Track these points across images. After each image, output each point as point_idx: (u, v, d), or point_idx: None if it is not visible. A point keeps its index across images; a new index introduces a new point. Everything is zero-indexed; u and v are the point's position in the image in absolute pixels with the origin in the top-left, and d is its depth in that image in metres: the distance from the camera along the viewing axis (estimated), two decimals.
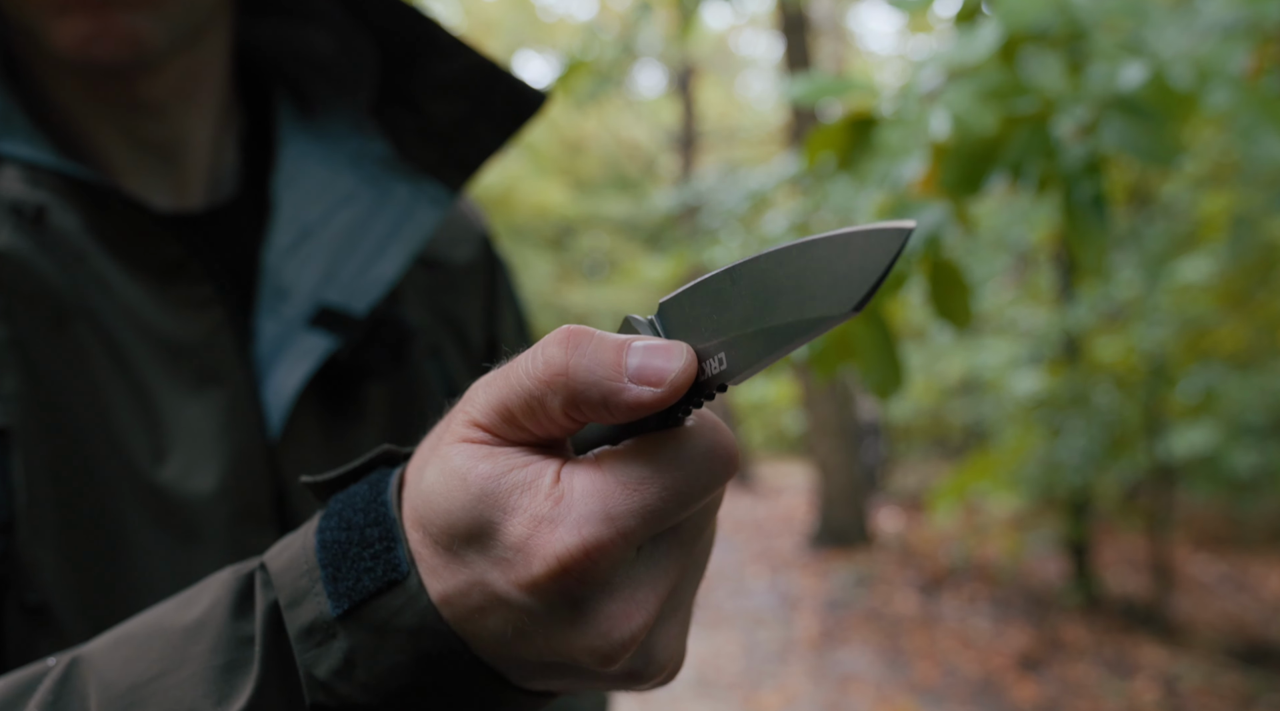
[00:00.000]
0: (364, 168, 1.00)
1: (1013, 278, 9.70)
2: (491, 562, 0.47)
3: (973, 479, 6.59)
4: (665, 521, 0.46)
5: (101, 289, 0.84)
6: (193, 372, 0.86)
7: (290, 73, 1.05)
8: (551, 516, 0.45)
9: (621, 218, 19.42)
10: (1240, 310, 6.56)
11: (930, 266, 1.59)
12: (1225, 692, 5.51)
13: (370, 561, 0.50)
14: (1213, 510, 8.99)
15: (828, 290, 0.41)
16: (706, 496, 0.48)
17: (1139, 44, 1.63)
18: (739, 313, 0.44)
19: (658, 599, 0.48)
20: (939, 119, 1.52)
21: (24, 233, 0.81)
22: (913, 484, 12.88)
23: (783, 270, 0.43)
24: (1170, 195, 6.59)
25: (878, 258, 0.40)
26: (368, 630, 0.50)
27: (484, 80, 0.99)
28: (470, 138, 1.00)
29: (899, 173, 1.68)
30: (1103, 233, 1.42)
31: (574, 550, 0.45)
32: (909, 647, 6.59)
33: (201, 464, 0.84)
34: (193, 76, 0.93)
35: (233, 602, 0.53)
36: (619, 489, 0.45)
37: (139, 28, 0.82)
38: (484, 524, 0.47)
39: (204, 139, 0.96)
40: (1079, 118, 1.51)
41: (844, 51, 17.50)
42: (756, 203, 4.82)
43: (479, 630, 0.49)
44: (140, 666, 0.53)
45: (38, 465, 0.78)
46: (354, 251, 0.95)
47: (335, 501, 0.54)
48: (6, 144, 0.83)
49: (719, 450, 0.48)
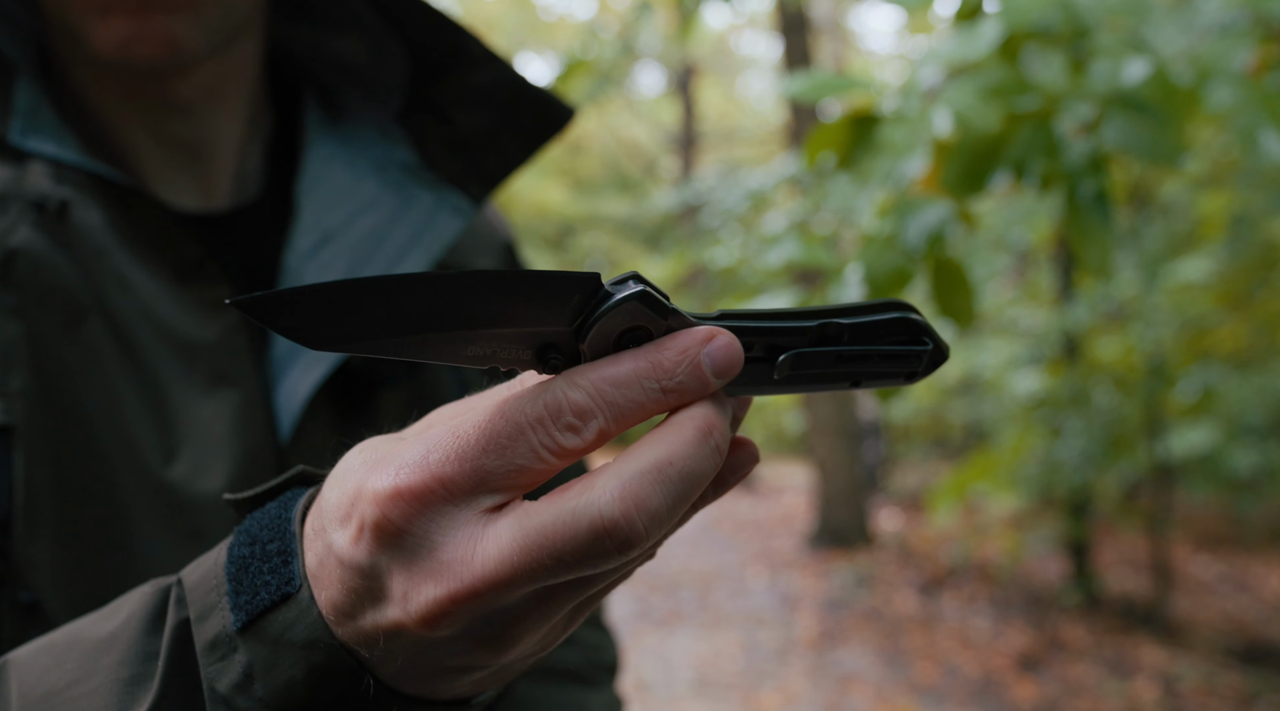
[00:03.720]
0: (388, 174, 1.00)
1: (1013, 277, 9.70)
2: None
3: (972, 479, 6.58)
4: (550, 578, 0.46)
5: (120, 286, 0.84)
6: (206, 373, 0.86)
7: (320, 77, 1.05)
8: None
9: (621, 218, 19.42)
10: (1240, 310, 6.56)
11: (933, 265, 1.59)
12: (1225, 692, 5.50)
13: (268, 575, 0.51)
14: (1213, 510, 8.99)
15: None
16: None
17: (1141, 42, 1.62)
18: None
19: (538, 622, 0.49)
20: (941, 116, 1.52)
21: (43, 230, 0.81)
22: (913, 484, 12.88)
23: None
24: (1170, 195, 6.59)
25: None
26: (265, 643, 0.50)
27: (512, 93, 0.99)
28: (495, 149, 1.01)
29: (901, 171, 1.68)
30: (1106, 231, 1.41)
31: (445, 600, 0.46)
32: (909, 647, 6.59)
33: (211, 464, 0.84)
34: (224, 78, 0.94)
35: (146, 616, 0.54)
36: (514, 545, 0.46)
37: (177, 30, 0.84)
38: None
39: (231, 140, 0.97)
40: (1081, 116, 1.51)
41: (844, 51, 17.49)
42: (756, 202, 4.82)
43: (359, 638, 0.49)
44: (56, 675, 0.54)
45: (41, 463, 0.78)
46: (374, 257, 0.96)
47: (249, 518, 0.54)
48: (33, 140, 0.84)
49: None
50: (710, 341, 0.47)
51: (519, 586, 0.45)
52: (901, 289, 1.54)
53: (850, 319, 0.52)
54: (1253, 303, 6.53)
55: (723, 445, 0.47)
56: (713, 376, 0.47)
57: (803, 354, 0.51)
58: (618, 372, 0.46)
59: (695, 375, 0.47)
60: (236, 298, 0.41)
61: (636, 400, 0.46)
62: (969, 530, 9.60)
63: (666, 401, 0.47)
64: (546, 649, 0.53)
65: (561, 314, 0.46)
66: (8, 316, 0.78)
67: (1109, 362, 7.09)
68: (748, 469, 0.53)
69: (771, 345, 0.51)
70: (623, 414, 0.46)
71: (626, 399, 0.46)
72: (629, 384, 0.46)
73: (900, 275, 1.52)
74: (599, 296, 0.46)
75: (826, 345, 0.52)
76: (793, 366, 0.51)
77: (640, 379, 0.46)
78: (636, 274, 0.48)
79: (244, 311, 0.41)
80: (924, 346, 0.53)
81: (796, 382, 0.52)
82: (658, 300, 0.47)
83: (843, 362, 0.52)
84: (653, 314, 0.47)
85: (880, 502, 11.71)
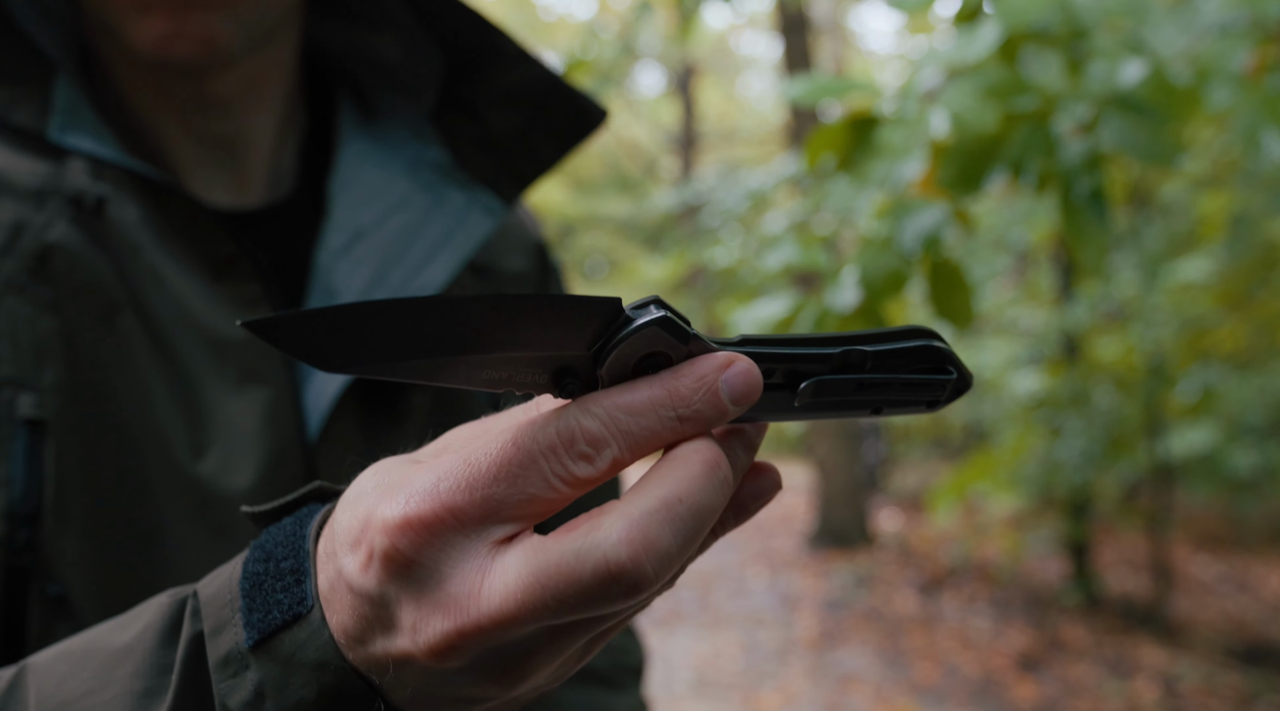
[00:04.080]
0: (420, 174, 1.00)
1: (1012, 278, 9.70)
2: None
3: (972, 479, 6.59)
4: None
5: (154, 282, 0.85)
6: (237, 369, 0.86)
7: (355, 76, 1.06)
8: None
9: (621, 218, 19.43)
10: (1239, 310, 6.56)
11: (930, 266, 1.59)
12: (1225, 692, 5.51)
13: (281, 593, 0.50)
14: (1213, 510, 8.99)
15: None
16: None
17: (1139, 42, 1.62)
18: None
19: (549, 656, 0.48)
20: (938, 118, 1.52)
21: (80, 225, 0.82)
22: (913, 484, 12.88)
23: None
24: (1170, 195, 6.59)
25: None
26: (276, 662, 0.49)
27: (545, 93, 1.00)
28: (527, 150, 1.01)
29: (899, 173, 1.68)
30: (1102, 231, 1.42)
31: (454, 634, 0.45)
32: (909, 647, 6.59)
33: (239, 460, 0.85)
34: (260, 75, 0.94)
35: (163, 628, 0.54)
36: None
37: (214, 28, 0.85)
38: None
39: (266, 137, 0.98)
40: (1079, 116, 1.51)
41: (844, 51, 17.50)
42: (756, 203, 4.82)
43: (370, 664, 0.48)
44: (72, 684, 0.54)
45: (72, 457, 0.78)
46: (404, 256, 0.96)
47: (265, 533, 0.54)
48: (71, 136, 0.84)
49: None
50: (728, 368, 0.46)
51: (525, 625, 0.44)
52: (898, 291, 1.54)
53: (873, 346, 0.52)
54: (1253, 303, 6.53)
55: (730, 477, 0.46)
56: (730, 403, 0.46)
57: (824, 381, 0.51)
58: (633, 400, 0.46)
59: (712, 402, 0.46)
60: (245, 320, 0.40)
61: (652, 428, 0.46)
62: (969, 530, 9.60)
63: (683, 429, 0.46)
64: (561, 679, 0.52)
65: (580, 338, 0.45)
66: (43, 311, 0.79)
67: (1109, 362, 7.09)
68: (770, 495, 0.52)
69: (793, 371, 0.51)
70: (637, 442, 0.46)
71: (641, 427, 0.45)
72: (644, 411, 0.45)
73: (897, 277, 1.53)
74: (619, 321, 0.46)
75: (849, 373, 0.51)
76: (814, 394, 0.51)
77: (656, 406, 0.45)
78: (658, 298, 0.47)
79: (254, 332, 0.40)
80: (948, 376, 0.53)
81: (817, 409, 0.52)
82: (679, 326, 0.46)
83: (864, 390, 0.52)
84: (673, 340, 0.46)
85: (880, 502, 11.71)
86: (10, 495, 0.75)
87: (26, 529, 0.76)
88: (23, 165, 0.82)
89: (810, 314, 1.60)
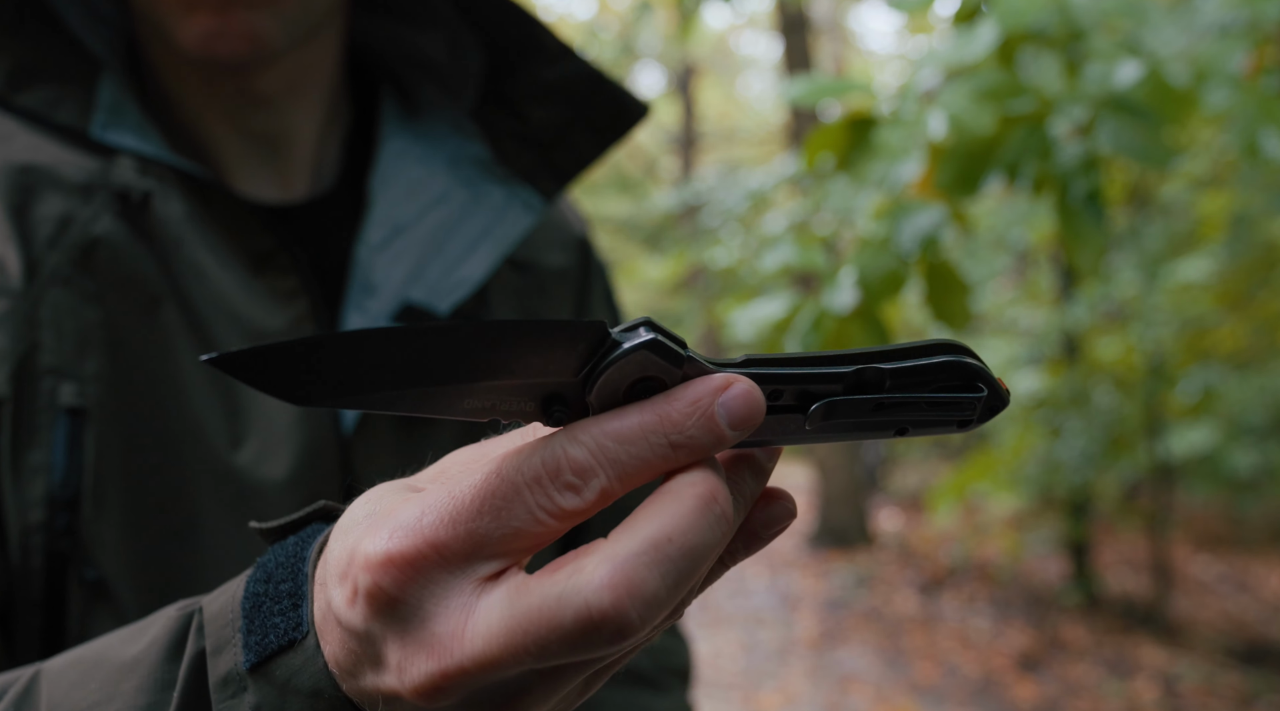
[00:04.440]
0: (460, 169, 1.01)
1: (1012, 278, 9.70)
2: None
3: (972, 479, 6.59)
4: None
5: (196, 275, 0.87)
6: None
7: (397, 72, 1.07)
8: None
9: (621, 218, 19.41)
10: (1239, 310, 6.56)
11: (927, 267, 1.59)
12: (1225, 692, 5.51)
13: (278, 617, 0.49)
14: (1213, 510, 8.99)
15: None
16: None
17: (1137, 44, 1.63)
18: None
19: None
20: (936, 119, 1.52)
21: (125, 219, 0.85)
22: (913, 484, 12.88)
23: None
24: (1170, 195, 6.59)
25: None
26: (273, 686, 0.48)
27: (587, 88, 1.00)
28: (567, 145, 1.01)
29: (897, 174, 1.68)
30: (1098, 232, 1.42)
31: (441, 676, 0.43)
32: (909, 647, 6.59)
33: (275, 451, 0.86)
34: (303, 72, 0.96)
35: (169, 643, 0.53)
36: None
37: (258, 25, 0.86)
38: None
39: (309, 133, 0.99)
40: (1076, 118, 1.51)
41: (844, 51, 17.49)
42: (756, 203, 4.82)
43: (361, 697, 0.47)
44: (81, 693, 0.53)
45: (111, 445, 0.81)
46: (442, 251, 0.97)
47: (270, 551, 0.53)
48: (114, 134, 0.87)
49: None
50: (726, 390, 0.43)
51: (509, 668, 0.42)
52: (896, 292, 1.55)
53: (893, 363, 0.48)
54: (1253, 303, 6.53)
55: (728, 512, 0.43)
56: (728, 429, 0.43)
57: (837, 402, 0.47)
58: (622, 427, 0.43)
59: (708, 429, 0.43)
60: (207, 356, 0.39)
61: (642, 457, 0.42)
62: (969, 530, 9.60)
63: (677, 458, 0.43)
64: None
65: (565, 365, 0.43)
66: (87, 302, 0.82)
67: (1109, 362, 7.09)
68: (784, 523, 0.49)
69: (804, 392, 0.47)
70: (627, 472, 0.43)
71: (631, 455, 0.42)
72: (634, 439, 0.42)
73: (894, 278, 1.53)
74: (606, 346, 0.43)
75: (865, 392, 0.48)
76: (825, 415, 0.47)
77: (647, 433, 0.42)
78: (649, 320, 0.44)
79: (217, 367, 0.39)
80: (978, 394, 0.49)
81: (833, 432, 0.48)
82: (670, 349, 0.43)
83: (884, 411, 0.48)
84: (666, 363, 0.43)
85: (880, 502, 11.71)
86: (50, 481, 0.78)
87: (65, 514, 0.78)
88: (72, 161, 0.85)
89: (808, 314, 1.60)
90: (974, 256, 6.68)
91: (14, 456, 0.78)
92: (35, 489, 0.78)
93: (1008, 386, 0.50)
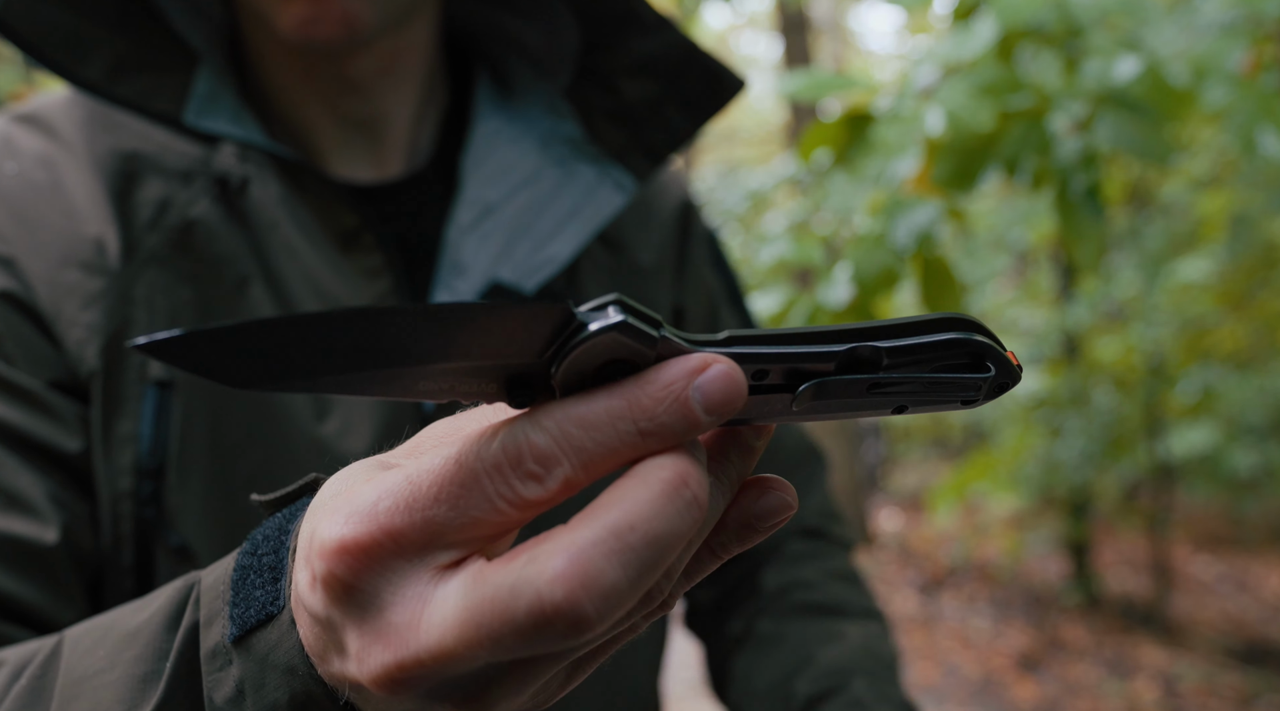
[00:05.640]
0: (552, 148, 1.03)
1: (1012, 278, 9.70)
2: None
3: (972, 478, 6.58)
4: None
5: (289, 255, 0.91)
6: None
7: (492, 52, 1.08)
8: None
9: None
10: (1240, 310, 6.56)
11: (922, 263, 1.59)
12: (1225, 692, 5.50)
13: (259, 590, 0.48)
14: (1213, 510, 8.98)
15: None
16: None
17: (1135, 41, 1.62)
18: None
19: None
20: (934, 115, 1.52)
21: (222, 202, 0.90)
22: (913, 484, 12.87)
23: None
24: (1170, 195, 6.58)
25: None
26: (254, 661, 0.47)
27: (682, 60, 1.00)
28: (661, 122, 1.01)
29: (894, 170, 1.68)
30: (1098, 228, 1.42)
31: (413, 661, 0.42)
32: (909, 647, 6.59)
33: (359, 424, 0.89)
34: (397, 56, 0.98)
35: (169, 613, 0.53)
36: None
37: (352, 9, 0.88)
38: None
39: (404, 116, 1.01)
40: (1074, 114, 1.51)
41: (844, 51, 17.49)
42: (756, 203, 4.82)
43: (331, 680, 0.46)
44: (90, 660, 0.54)
45: (198, 417, 0.85)
46: (530, 230, 0.99)
47: (263, 524, 0.52)
48: (207, 121, 0.91)
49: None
50: (702, 373, 0.40)
51: (466, 661, 0.40)
52: (890, 288, 1.54)
53: (890, 341, 0.44)
54: (1253, 303, 6.52)
55: (701, 496, 0.40)
56: (703, 415, 0.40)
57: (827, 383, 0.43)
58: (588, 413, 0.40)
59: (680, 415, 0.40)
60: (134, 341, 0.36)
61: (608, 444, 0.39)
62: (969, 530, 9.59)
63: (646, 445, 0.40)
64: (548, 702, 0.48)
65: (528, 347, 0.40)
66: (181, 281, 0.87)
67: (1109, 363, 7.09)
68: (781, 516, 0.46)
69: (793, 370, 0.43)
70: (592, 460, 0.40)
71: (597, 443, 0.39)
72: (600, 425, 0.39)
73: (889, 274, 1.53)
74: (571, 328, 0.40)
75: (860, 371, 0.44)
76: (815, 396, 0.44)
77: (614, 419, 0.39)
78: (619, 298, 0.40)
79: (145, 354, 0.36)
80: (984, 374, 0.45)
81: (824, 411, 0.45)
82: (641, 331, 0.40)
83: (879, 390, 0.44)
84: (636, 345, 0.40)
85: (880, 502, 11.71)
86: (138, 450, 0.83)
87: (151, 482, 0.83)
88: (177, 148, 0.91)
89: (803, 309, 1.60)
90: (973, 256, 6.68)
91: (105, 426, 0.83)
92: (124, 457, 0.83)
93: (1019, 362, 0.46)
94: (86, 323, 0.84)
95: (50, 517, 0.80)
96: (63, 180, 0.89)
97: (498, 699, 0.44)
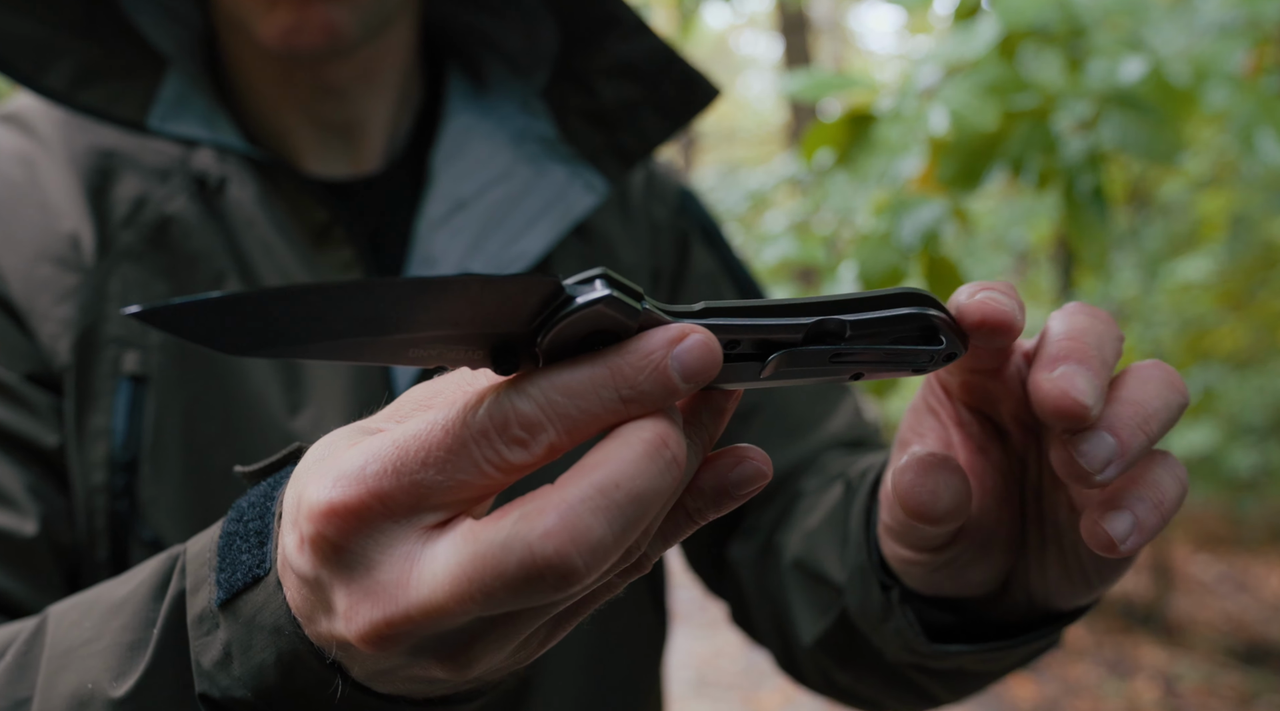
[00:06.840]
0: (524, 146, 1.03)
1: (1012, 277, 9.71)
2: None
3: None
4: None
5: (265, 252, 0.92)
6: None
7: (468, 49, 1.08)
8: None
9: None
10: (1240, 310, 6.56)
11: (928, 262, 1.59)
12: (1225, 692, 5.51)
13: (245, 554, 0.49)
14: (1213, 510, 8.99)
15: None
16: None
17: (1138, 41, 1.63)
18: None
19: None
20: (937, 115, 1.52)
21: (200, 200, 0.92)
22: None
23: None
24: (1170, 195, 6.59)
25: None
26: (240, 623, 0.49)
27: (660, 65, 1.01)
28: (635, 126, 1.02)
29: (897, 169, 1.68)
30: (1102, 226, 1.42)
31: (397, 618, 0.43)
32: None
33: (331, 418, 0.89)
34: (376, 62, 0.98)
35: (155, 583, 0.54)
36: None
37: (335, 19, 0.89)
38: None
39: (381, 118, 1.02)
40: (1079, 113, 1.52)
41: (844, 51, 17.51)
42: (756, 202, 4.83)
43: (319, 640, 0.47)
44: (76, 632, 0.55)
45: (171, 411, 0.86)
46: (502, 226, 0.99)
47: (247, 493, 0.53)
48: (171, 124, 0.91)
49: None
50: (680, 342, 0.42)
51: (456, 616, 0.41)
52: (895, 286, 1.54)
53: (854, 315, 0.48)
54: (1253, 303, 6.53)
55: (680, 456, 0.42)
56: (681, 382, 0.42)
57: (794, 352, 0.47)
58: (571, 381, 0.41)
59: (660, 381, 0.42)
60: (130, 309, 0.36)
61: (591, 411, 0.41)
62: None
63: (627, 411, 0.42)
64: (528, 659, 0.50)
65: (516, 317, 0.41)
66: (156, 277, 0.88)
67: None
68: (754, 484, 0.47)
69: (763, 341, 0.47)
70: (576, 425, 0.41)
71: (580, 409, 0.41)
72: (583, 393, 0.41)
73: (894, 273, 1.53)
74: (560, 300, 0.41)
75: (825, 342, 0.48)
76: (783, 365, 0.47)
77: (597, 387, 0.41)
78: (605, 272, 0.42)
79: (142, 321, 0.37)
80: (936, 346, 0.50)
81: (787, 377, 0.49)
82: (625, 304, 0.42)
83: (840, 359, 0.48)
84: (620, 317, 0.42)
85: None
86: (111, 444, 0.83)
87: (124, 476, 0.83)
88: (155, 146, 0.93)
89: None
90: (974, 256, 6.69)
91: (78, 420, 0.84)
92: (97, 451, 0.83)
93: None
94: (60, 317, 0.85)
95: (29, 510, 0.80)
96: (40, 177, 0.90)
97: (480, 654, 0.45)
